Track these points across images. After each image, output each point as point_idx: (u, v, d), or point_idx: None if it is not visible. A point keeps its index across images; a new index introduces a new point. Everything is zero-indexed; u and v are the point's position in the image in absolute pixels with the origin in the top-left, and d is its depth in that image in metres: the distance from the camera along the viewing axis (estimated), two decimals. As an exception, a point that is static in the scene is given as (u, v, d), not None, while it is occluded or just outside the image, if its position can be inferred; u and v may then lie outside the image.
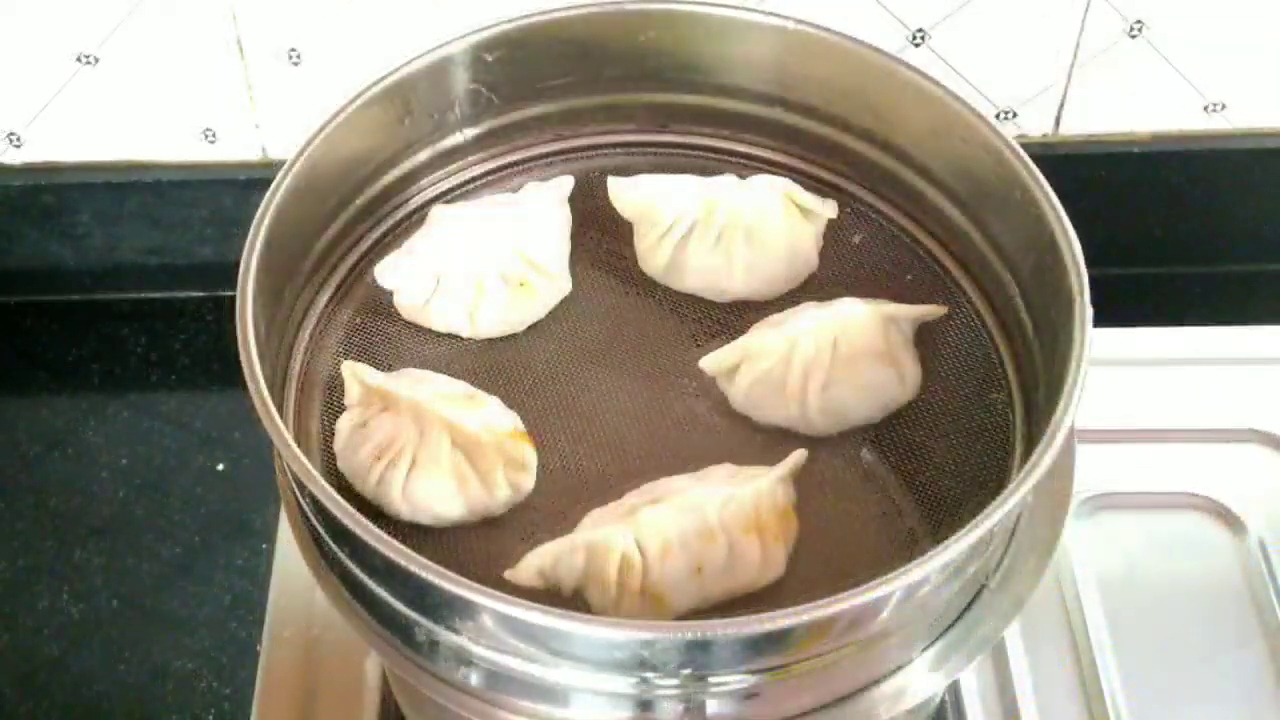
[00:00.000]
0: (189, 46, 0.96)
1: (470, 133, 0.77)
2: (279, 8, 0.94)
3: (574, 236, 0.75)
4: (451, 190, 0.78)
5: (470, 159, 0.78)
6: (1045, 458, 0.57)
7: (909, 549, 0.64)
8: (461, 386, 0.68)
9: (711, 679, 0.57)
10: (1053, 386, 0.62)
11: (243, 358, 0.61)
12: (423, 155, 0.76)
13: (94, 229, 1.05)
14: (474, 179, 0.79)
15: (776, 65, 0.76)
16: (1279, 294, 1.08)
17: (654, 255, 0.74)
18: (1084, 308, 0.62)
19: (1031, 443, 0.62)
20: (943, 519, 0.65)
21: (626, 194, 0.75)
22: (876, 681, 0.62)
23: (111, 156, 1.02)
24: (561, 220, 0.75)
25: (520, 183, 0.77)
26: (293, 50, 0.96)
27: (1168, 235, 1.07)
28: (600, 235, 0.77)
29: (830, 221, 0.75)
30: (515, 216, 0.73)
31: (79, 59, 0.96)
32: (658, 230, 0.74)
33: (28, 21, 0.94)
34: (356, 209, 0.75)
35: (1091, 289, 0.63)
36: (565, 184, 0.75)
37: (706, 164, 0.79)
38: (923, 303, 0.72)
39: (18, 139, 1.01)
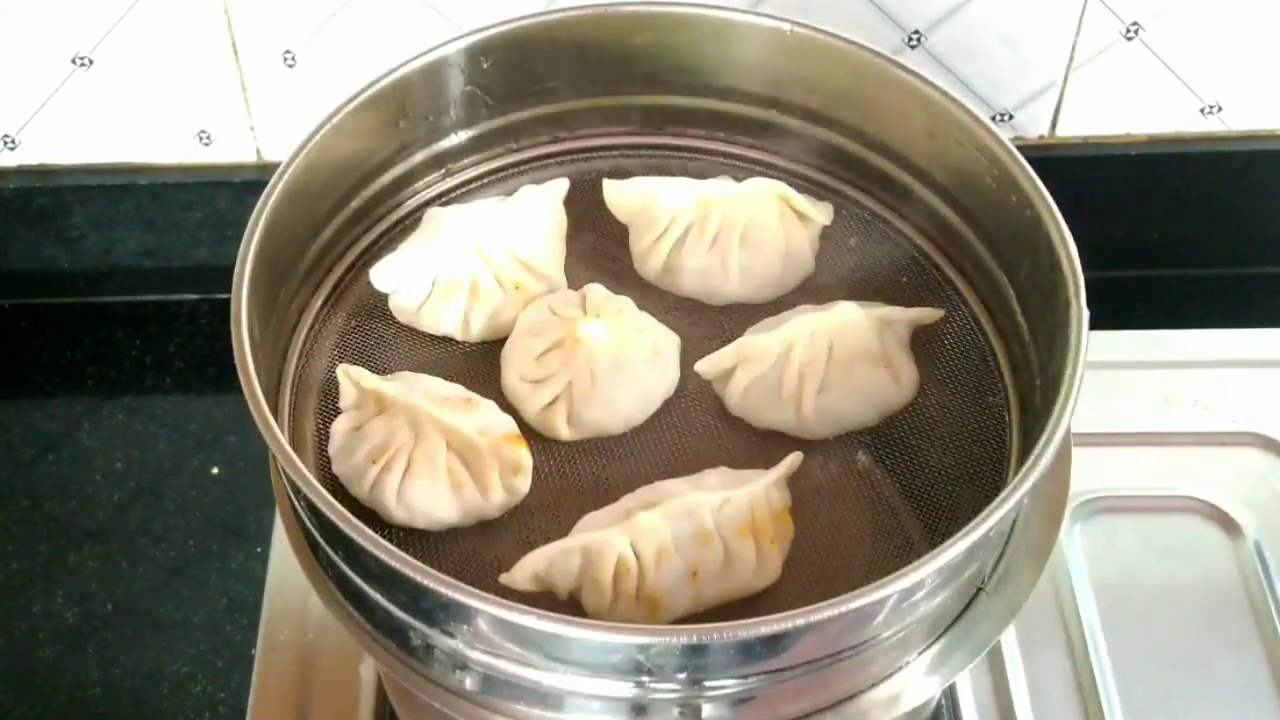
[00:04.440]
0: (184, 49, 0.96)
1: (465, 135, 0.77)
2: (274, 10, 0.94)
3: (569, 239, 0.75)
4: (447, 193, 0.78)
5: (465, 161, 0.78)
6: (1042, 461, 0.57)
7: (905, 552, 0.64)
8: (457, 389, 0.68)
9: (707, 683, 0.57)
10: (1049, 389, 0.62)
11: (238, 361, 0.61)
12: (418, 158, 0.76)
13: (89, 232, 1.05)
14: (469, 181, 0.79)
15: (772, 68, 0.76)
16: (1275, 297, 1.08)
17: (649, 258, 0.74)
18: (1080, 310, 0.62)
19: (1028, 446, 0.62)
20: (939, 522, 0.65)
21: (622, 196, 0.75)
22: (873, 684, 0.61)
23: (106, 159, 1.02)
24: (556, 223, 0.75)
25: (515, 185, 0.76)
26: (288, 53, 0.96)
27: (1164, 238, 1.07)
28: (595, 238, 0.76)
29: (826, 225, 0.75)
30: (510, 219, 0.73)
31: (74, 61, 0.96)
32: (653, 233, 0.73)
33: (23, 24, 0.94)
34: (351, 211, 0.74)
35: (1088, 291, 0.63)
36: (560, 186, 0.75)
37: (702, 166, 0.79)
38: (919, 306, 0.72)
39: (12, 141, 1.01)
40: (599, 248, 0.76)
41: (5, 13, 0.94)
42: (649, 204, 0.74)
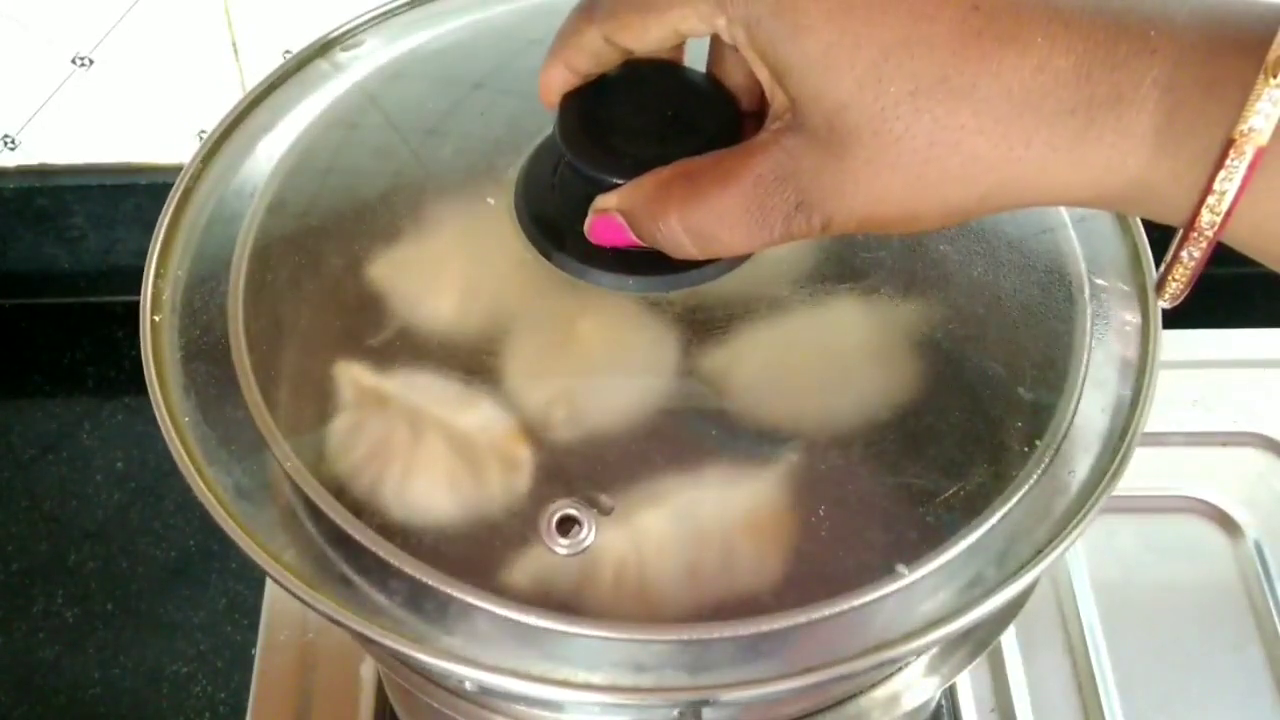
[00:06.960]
0: (184, 49, 0.96)
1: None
2: (274, 10, 0.94)
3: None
4: (447, 191, 0.78)
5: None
6: (1047, 461, 0.57)
7: (905, 552, 0.64)
8: (456, 387, 0.68)
9: (707, 682, 0.57)
10: (1053, 389, 0.62)
11: (236, 360, 0.61)
12: (418, 157, 0.76)
13: (89, 232, 1.05)
14: (470, 180, 0.79)
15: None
16: (1276, 296, 1.08)
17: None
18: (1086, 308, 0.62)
19: (1031, 444, 0.62)
20: (940, 521, 0.65)
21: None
22: (873, 685, 0.61)
23: (107, 159, 1.02)
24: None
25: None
26: (287, 53, 0.95)
27: (1164, 237, 1.07)
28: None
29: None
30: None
31: (74, 61, 0.96)
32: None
33: (22, 24, 0.94)
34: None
35: (1088, 291, 0.63)
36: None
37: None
38: (923, 303, 0.72)
39: (12, 141, 1.01)
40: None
41: (5, 13, 0.94)
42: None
